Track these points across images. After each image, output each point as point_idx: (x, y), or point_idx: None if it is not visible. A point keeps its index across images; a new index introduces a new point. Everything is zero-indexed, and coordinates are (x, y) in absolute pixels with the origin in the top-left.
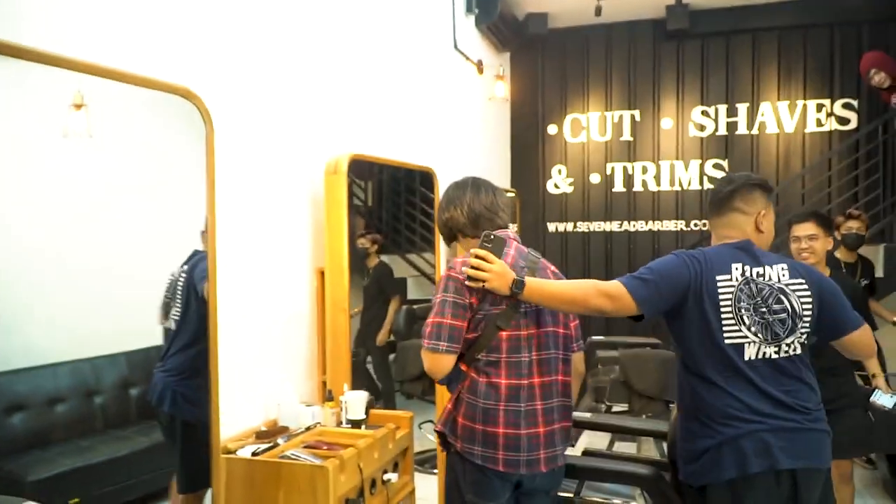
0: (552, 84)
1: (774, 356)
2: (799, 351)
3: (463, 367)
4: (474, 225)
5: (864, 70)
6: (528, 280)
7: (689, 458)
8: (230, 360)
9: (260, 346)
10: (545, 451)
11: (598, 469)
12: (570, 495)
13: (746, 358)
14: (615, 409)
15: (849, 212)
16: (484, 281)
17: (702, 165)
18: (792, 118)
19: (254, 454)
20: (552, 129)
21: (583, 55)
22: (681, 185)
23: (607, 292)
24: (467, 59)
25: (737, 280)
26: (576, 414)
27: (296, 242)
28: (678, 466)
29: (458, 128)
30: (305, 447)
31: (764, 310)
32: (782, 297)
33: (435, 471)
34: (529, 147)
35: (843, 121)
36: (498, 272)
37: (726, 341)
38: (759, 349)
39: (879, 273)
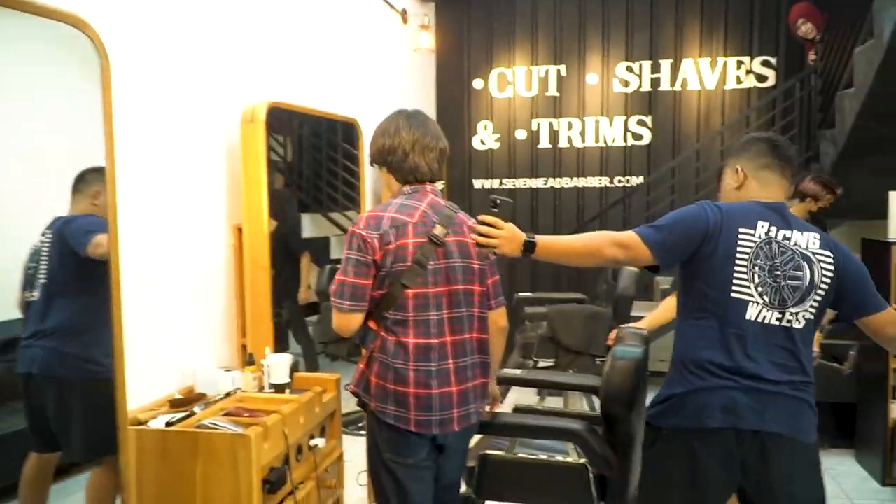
0: (478, 37)
1: (775, 322)
2: (801, 325)
3: (372, 326)
4: (404, 176)
5: (793, 20)
6: (539, 239)
7: (657, 400)
8: (138, 325)
9: (172, 309)
10: (458, 410)
11: (530, 426)
12: (502, 453)
13: (747, 317)
14: (541, 364)
15: (838, 191)
16: (495, 248)
17: (626, 122)
18: (713, 75)
19: (168, 424)
20: (478, 84)
21: (508, 7)
22: (605, 141)
23: (620, 241)
24: (391, 7)
25: (759, 237)
26: (505, 371)
27: (210, 196)
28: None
29: (383, 79)
30: (225, 415)
31: (779, 273)
32: (804, 264)
33: (362, 432)
34: (455, 101)
35: (762, 78)
36: (507, 237)
37: (733, 294)
38: (759, 312)
39: None
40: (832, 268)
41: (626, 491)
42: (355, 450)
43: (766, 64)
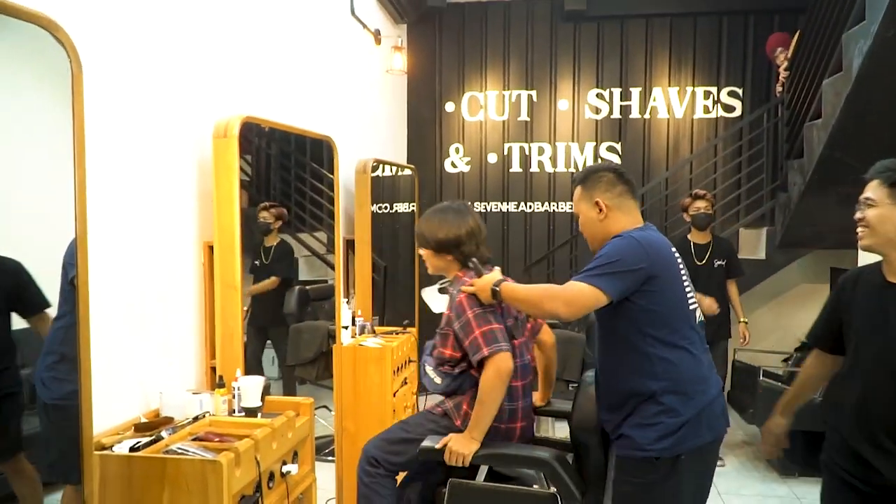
0: (450, 60)
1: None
2: None
3: (474, 374)
4: (461, 259)
5: (770, 48)
6: (504, 287)
7: (666, 433)
8: (103, 345)
9: (137, 329)
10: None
11: (499, 454)
12: (471, 481)
13: (697, 320)
14: None
15: (695, 192)
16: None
17: (596, 148)
18: (681, 104)
19: (132, 449)
20: (450, 107)
21: (480, 31)
22: (576, 166)
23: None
24: (364, 27)
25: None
26: None
27: (180, 212)
28: (639, 443)
29: (355, 98)
30: (194, 440)
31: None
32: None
33: (331, 458)
34: (427, 124)
35: (729, 108)
36: (477, 289)
37: (691, 307)
38: (696, 309)
39: (760, 255)
40: None
41: None
42: (325, 477)
43: (732, 94)
